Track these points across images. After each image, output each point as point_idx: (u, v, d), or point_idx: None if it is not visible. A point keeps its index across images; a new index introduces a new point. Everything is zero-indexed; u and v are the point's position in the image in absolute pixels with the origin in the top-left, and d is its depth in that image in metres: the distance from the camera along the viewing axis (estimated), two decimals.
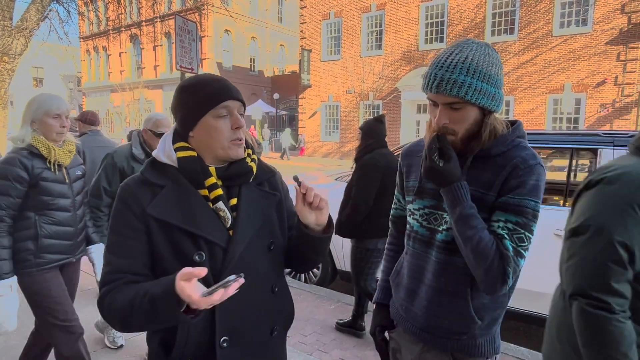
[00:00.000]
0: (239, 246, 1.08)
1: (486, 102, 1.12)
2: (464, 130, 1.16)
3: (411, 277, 1.32)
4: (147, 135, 2.66)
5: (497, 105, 1.15)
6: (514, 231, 1.10)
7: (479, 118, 1.15)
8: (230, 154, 1.10)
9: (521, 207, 1.10)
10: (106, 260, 1.08)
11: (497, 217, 1.13)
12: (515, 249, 1.09)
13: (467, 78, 1.09)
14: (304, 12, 21.77)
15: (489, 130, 1.16)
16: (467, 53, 1.12)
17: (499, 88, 1.14)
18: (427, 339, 1.28)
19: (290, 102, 29.00)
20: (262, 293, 1.14)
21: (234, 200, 1.13)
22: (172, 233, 1.05)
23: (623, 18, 14.03)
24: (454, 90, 1.10)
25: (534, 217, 1.11)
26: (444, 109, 1.15)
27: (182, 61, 5.36)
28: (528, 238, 1.10)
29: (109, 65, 34.99)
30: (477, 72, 1.10)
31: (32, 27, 6.39)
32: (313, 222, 1.12)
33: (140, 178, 1.10)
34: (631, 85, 14.07)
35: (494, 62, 1.13)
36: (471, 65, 1.10)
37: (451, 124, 1.15)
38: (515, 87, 16.16)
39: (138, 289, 0.99)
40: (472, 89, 1.09)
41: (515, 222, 1.10)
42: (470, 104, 1.12)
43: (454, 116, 1.14)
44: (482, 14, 16.68)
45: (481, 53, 1.12)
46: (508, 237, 1.10)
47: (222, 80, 1.12)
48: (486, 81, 1.11)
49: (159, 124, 2.64)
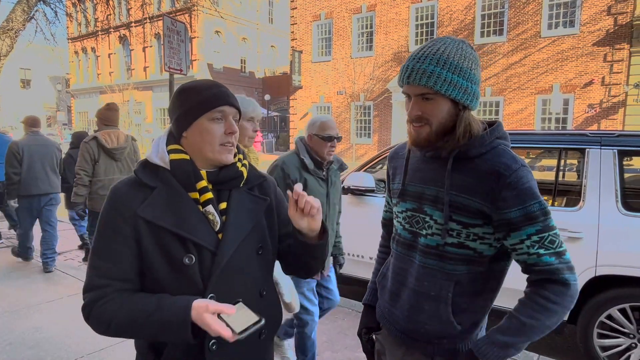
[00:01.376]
0: (227, 250, 1.08)
1: (457, 94, 1.11)
2: (437, 122, 1.15)
3: (395, 279, 1.32)
4: (313, 141, 2.38)
5: (471, 100, 1.14)
6: (542, 240, 1.09)
7: (452, 112, 1.14)
8: (220, 157, 1.11)
9: (529, 215, 1.08)
10: (92, 264, 1.07)
11: (518, 239, 1.10)
12: (554, 253, 1.09)
13: (436, 68, 1.10)
14: (294, 14, 21.75)
15: (463, 125, 1.14)
16: (440, 46, 1.13)
17: (472, 83, 1.13)
18: (409, 343, 1.27)
19: (281, 103, 28.96)
20: (251, 297, 1.13)
21: (223, 204, 1.13)
22: (161, 235, 1.05)
23: (609, 19, 14.22)
24: (422, 79, 1.10)
25: (545, 214, 1.09)
26: (416, 100, 1.15)
27: (170, 62, 5.31)
28: (556, 235, 1.10)
29: (97, 67, 34.63)
30: (447, 63, 1.10)
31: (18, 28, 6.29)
32: (306, 228, 1.12)
33: (132, 179, 1.11)
34: (618, 86, 14.27)
35: (467, 56, 1.13)
36: (442, 57, 1.10)
37: (424, 115, 1.15)
38: (504, 88, 16.31)
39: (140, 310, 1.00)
40: (442, 80, 1.09)
41: (535, 232, 1.08)
42: (441, 96, 1.12)
43: (426, 107, 1.14)
44: (471, 15, 16.81)
45: (454, 47, 1.13)
46: (543, 250, 1.08)
47: (221, 87, 1.14)
48: (457, 73, 1.10)
49: (325, 127, 2.36)
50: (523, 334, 1.09)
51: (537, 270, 1.11)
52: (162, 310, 0.97)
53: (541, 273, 1.10)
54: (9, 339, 3.19)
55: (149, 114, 30.48)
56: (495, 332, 1.12)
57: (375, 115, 19.67)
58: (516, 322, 1.10)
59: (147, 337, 1.02)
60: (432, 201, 1.20)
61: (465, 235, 1.16)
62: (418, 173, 1.26)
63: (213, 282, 1.06)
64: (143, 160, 1.15)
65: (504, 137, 1.20)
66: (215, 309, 0.94)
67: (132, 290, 1.06)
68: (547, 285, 1.09)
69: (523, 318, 1.09)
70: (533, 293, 1.11)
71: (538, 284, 1.11)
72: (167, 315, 0.97)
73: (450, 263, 1.18)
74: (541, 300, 1.08)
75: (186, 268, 1.04)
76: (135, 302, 1.01)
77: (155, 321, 0.97)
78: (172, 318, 0.96)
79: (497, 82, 16.36)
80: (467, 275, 1.18)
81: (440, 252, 1.19)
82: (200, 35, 27.59)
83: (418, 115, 1.15)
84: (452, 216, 1.16)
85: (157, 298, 1.02)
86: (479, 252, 1.17)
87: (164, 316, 0.97)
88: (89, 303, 1.03)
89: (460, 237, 1.16)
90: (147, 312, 0.98)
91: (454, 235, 1.17)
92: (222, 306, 0.95)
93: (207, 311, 0.93)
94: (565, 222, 2.89)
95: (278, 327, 1.28)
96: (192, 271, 1.05)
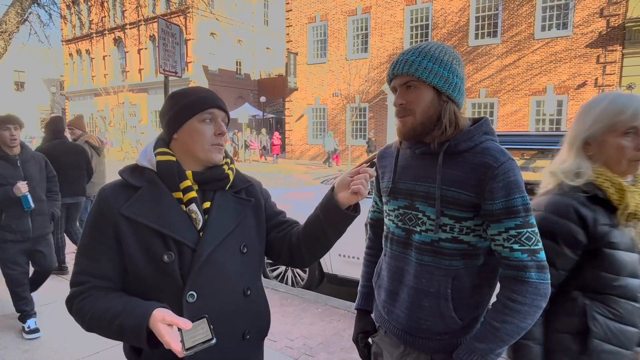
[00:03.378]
0: (207, 247, 1.10)
1: (437, 81, 1.16)
2: (421, 111, 1.19)
3: (391, 278, 1.33)
4: None
5: (453, 90, 1.18)
6: (519, 235, 1.11)
7: (435, 102, 1.18)
8: (211, 157, 1.15)
9: (511, 209, 1.10)
10: (76, 261, 1.12)
11: (497, 230, 1.13)
12: (528, 250, 1.11)
13: (417, 58, 1.17)
14: (289, 16, 21.78)
15: (448, 116, 1.18)
16: (422, 45, 1.21)
17: (453, 75, 1.18)
18: (408, 341, 1.28)
19: (277, 105, 28.95)
20: (233, 295, 1.15)
21: (207, 204, 1.16)
22: (142, 233, 1.08)
23: (602, 22, 14.36)
24: (405, 68, 1.17)
25: (527, 210, 1.11)
26: (400, 90, 1.22)
27: (165, 65, 5.31)
28: (534, 232, 1.12)
29: (92, 69, 34.47)
30: (428, 54, 1.17)
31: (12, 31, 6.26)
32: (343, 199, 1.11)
33: (118, 181, 1.15)
34: (610, 87, 14.39)
35: (448, 52, 1.20)
36: (423, 50, 1.19)
37: (407, 104, 1.20)
38: (498, 90, 16.40)
39: (108, 308, 1.03)
40: (422, 67, 1.16)
41: (514, 226, 1.11)
42: (424, 83, 1.17)
43: (410, 96, 1.19)
44: (465, 17, 16.90)
45: (437, 45, 1.21)
46: (518, 246, 1.11)
47: (210, 91, 1.20)
48: (437, 64, 1.17)
49: None
50: (499, 339, 1.12)
51: (506, 264, 1.14)
52: (124, 314, 1.00)
53: (510, 268, 1.13)
54: (4, 343, 3.17)
55: (144, 116, 30.38)
56: (472, 341, 1.15)
57: (370, 117, 19.72)
58: (490, 329, 1.13)
59: (113, 338, 1.05)
60: (423, 197, 1.22)
61: (459, 229, 1.18)
62: (408, 170, 1.28)
63: (192, 278, 1.08)
64: (132, 164, 1.19)
65: (491, 133, 1.22)
66: (171, 320, 0.95)
67: (112, 288, 1.10)
68: (514, 287, 1.12)
69: (496, 323, 1.12)
70: (502, 296, 1.14)
71: (506, 284, 1.14)
72: (127, 320, 0.99)
73: (446, 259, 1.20)
74: (509, 303, 1.11)
75: (166, 265, 1.07)
76: (106, 301, 1.05)
77: (117, 324, 1.00)
78: (130, 323, 0.98)
79: (491, 84, 16.45)
80: (464, 270, 1.20)
81: (436, 248, 1.20)
82: (196, 37, 27.54)
83: (402, 105, 1.21)
84: (444, 211, 1.18)
85: (125, 301, 1.04)
86: (473, 244, 1.19)
87: (124, 321, 0.99)
88: (70, 297, 1.10)
89: (453, 232, 1.18)
90: (113, 314, 1.01)
91: (447, 230, 1.19)
92: (177, 319, 0.96)
93: (163, 321, 0.95)
94: None
95: (267, 330, 1.28)
96: (172, 268, 1.07)
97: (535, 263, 1.11)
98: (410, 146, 1.28)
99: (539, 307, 1.11)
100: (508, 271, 1.14)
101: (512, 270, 1.13)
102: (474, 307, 1.22)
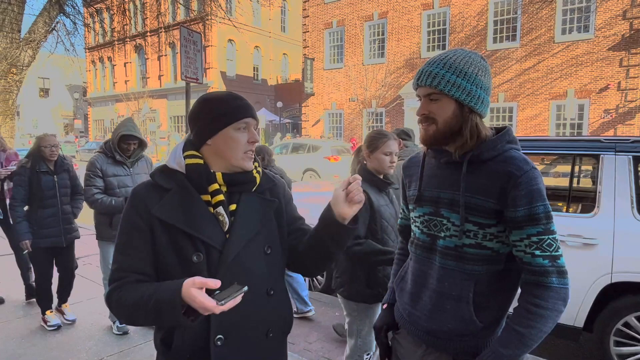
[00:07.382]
0: (233, 249, 1.14)
1: (460, 95, 1.19)
2: (442, 121, 1.22)
3: (415, 282, 1.36)
4: None
5: (476, 103, 1.20)
6: (540, 242, 1.14)
7: (458, 113, 1.21)
8: (243, 164, 1.19)
9: (533, 216, 1.13)
10: (114, 259, 1.16)
11: (519, 236, 1.16)
12: (549, 256, 1.13)
13: (441, 71, 1.19)
14: (306, 22, 21.94)
15: (469, 127, 1.21)
16: (449, 54, 1.23)
17: (477, 87, 1.20)
18: (430, 341, 1.30)
19: (293, 110, 29.12)
20: (257, 295, 1.18)
21: (233, 206, 1.20)
22: (173, 234, 1.13)
23: (625, 24, 14.06)
24: (428, 80, 1.20)
25: (548, 218, 1.14)
26: (424, 101, 1.25)
27: (187, 71, 5.43)
28: (555, 239, 1.15)
29: (114, 76, 35.31)
30: (452, 67, 1.19)
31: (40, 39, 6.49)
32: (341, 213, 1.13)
33: (149, 182, 1.20)
34: (634, 91, 14.06)
35: (474, 63, 1.21)
36: (448, 62, 1.20)
37: (430, 114, 1.23)
38: (518, 94, 16.18)
39: (144, 291, 1.06)
40: (445, 81, 1.18)
41: (536, 233, 1.14)
42: (446, 96, 1.20)
43: (432, 107, 1.23)
44: (483, 21, 16.76)
45: (463, 55, 1.22)
46: (539, 252, 1.13)
47: (244, 99, 1.23)
48: (461, 77, 1.19)
49: None
50: (524, 344, 1.13)
51: (528, 270, 1.16)
52: (158, 292, 1.03)
53: (531, 273, 1.15)
54: (33, 341, 3.28)
55: (164, 121, 30.91)
56: (497, 345, 1.16)
57: (387, 122, 19.66)
58: (515, 334, 1.14)
59: (149, 321, 1.07)
60: (448, 204, 1.25)
61: (482, 235, 1.21)
62: (433, 179, 1.32)
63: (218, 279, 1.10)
64: (162, 165, 1.24)
65: (514, 142, 1.25)
66: (201, 282, 0.98)
67: (148, 282, 1.13)
68: (535, 292, 1.14)
69: (521, 329, 1.13)
70: (525, 302, 1.16)
71: (528, 289, 1.16)
72: (161, 295, 1.02)
73: (469, 263, 1.22)
74: (533, 308, 1.13)
75: (195, 265, 1.11)
76: (142, 287, 1.09)
77: (153, 302, 1.02)
78: (165, 297, 1.01)
79: (510, 88, 16.24)
80: (487, 275, 1.22)
81: (459, 253, 1.23)
82: (214, 43, 27.97)
83: (424, 115, 1.24)
84: (468, 217, 1.21)
85: (158, 284, 1.07)
86: (496, 250, 1.22)
87: (159, 297, 1.02)
88: (109, 293, 1.13)
89: (477, 238, 1.21)
90: (148, 295, 1.04)
91: (471, 236, 1.21)
92: (207, 280, 0.98)
93: (193, 285, 0.97)
94: (580, 229, 2.88)
95: (289, 327, 1.31)
96: (200, 268, 1.11)
97: (556, 269, 1.13)
98: (435, 155, 1.32)
99: (559, 312, 1.13)
100: (530, 277, 1.16)
101: (534, 275, 1.15)
102: (495, 310, 1.24)
